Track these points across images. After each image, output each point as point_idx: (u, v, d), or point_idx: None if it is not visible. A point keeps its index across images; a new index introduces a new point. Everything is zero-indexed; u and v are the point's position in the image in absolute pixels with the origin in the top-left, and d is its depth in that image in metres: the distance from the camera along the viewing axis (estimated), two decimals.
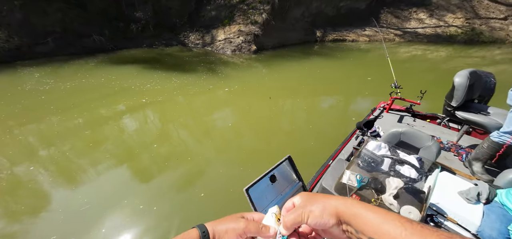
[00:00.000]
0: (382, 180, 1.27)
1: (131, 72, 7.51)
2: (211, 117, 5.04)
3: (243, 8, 11.79)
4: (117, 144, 3.98)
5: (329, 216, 0.39)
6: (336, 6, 14.23)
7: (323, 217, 0.39)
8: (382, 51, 11.40)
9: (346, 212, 0.39)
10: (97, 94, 5.84)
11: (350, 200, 0.40)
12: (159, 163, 3.54)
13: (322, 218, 0.39)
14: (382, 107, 3.51)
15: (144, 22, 11.24)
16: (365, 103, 5.84)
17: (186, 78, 7.09)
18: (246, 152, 3.86)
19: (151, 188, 3.06)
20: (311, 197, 0.43)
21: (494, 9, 13.21)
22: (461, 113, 2.45)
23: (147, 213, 2.65)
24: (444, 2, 14.04)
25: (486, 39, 12.38)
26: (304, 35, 13.03)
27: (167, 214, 2.67)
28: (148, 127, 4.64)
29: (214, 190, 3.00)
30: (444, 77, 7.67)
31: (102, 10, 10.77)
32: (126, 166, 3.47)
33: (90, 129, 4.33)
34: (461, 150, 2.50)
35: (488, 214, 1.56)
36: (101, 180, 3.19)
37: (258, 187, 0.52)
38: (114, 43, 10.40)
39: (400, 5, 14.56)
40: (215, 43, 11.05)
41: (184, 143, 4.13)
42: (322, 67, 8.65)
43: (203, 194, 2.92)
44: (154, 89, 6.21)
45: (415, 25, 13.80)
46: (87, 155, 3.66)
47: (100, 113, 4.96)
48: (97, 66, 8.12)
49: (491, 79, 2.55)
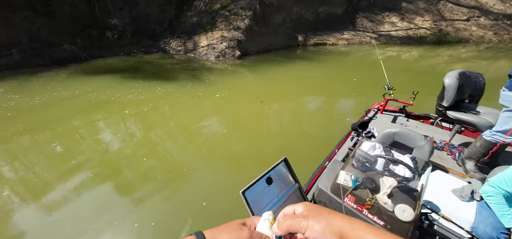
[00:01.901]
0: (376, 179, 1.28)
1: (109, 82, 7.04)
2: (203, 125, 4.84)
3: (225, 14, 11.71)
4: (101, 162, 3.62)
5: (331, 234, 0.38)
6: (315, 12, 14.67)
7: (325, 234, 0.38)
8: (361, 53, 11.90)
9: (351, 234, 0.37)
10: (72, 108, 5.36)
11: (356, 222, 0.38)
12: (151, 177, 3.27)
13: (324, 235, 0.38)
14: (376, 108, 3.56)
15: (120, 29, 10.71)
16: (354, 103, 6.00)
17: (172, 86, 6.80)
18: (244, 157, 3.75)
19: (145, 205, 2.80)
20: (314, 210, 0.42)
21: (458, 12, 14.41)
22: (452, 113, 2.50)
23: (145, 231, 2.43)
24: (413, 6, 15.05)
25: (452, 39, 13.43)
26: (286, 40, 13.23)
27: (169, 226, 2.48)
28: (134, 140, 4.30)
29: (216, 198, 2.88)
30: (417, 75, 8.21)
31: (73, 17, 10.09)
32: (113, 184, 3.16)
33: (66, 146, 3.93)
34: (454, 149, 2.55)
35: (481, 210, 1.60)
36: (85, 203, 2.85)
37: (254, 190, 0.51)
38: (88, 52, 9.76)
39: (374, 10, 15.37)
40: (198, 49, 10.81)
41: (177, 154, 3.89)
42: (309, 70, 8.78)
43: (205, 203, 2.79)
44: (137, 99, 5.85)
45: (389, 28, 14.61)
46: (69, 175, 3.28)
47: (77, 128, 4.53)
48: (69, 77, 7.53)
49: (480, 79, 2.63)
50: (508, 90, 1.89)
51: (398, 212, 1.12)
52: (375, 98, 6.15)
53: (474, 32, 13.59)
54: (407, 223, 1.09)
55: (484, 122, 2.27)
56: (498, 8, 13.95)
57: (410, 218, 1.09)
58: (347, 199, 1.22)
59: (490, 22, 13.80)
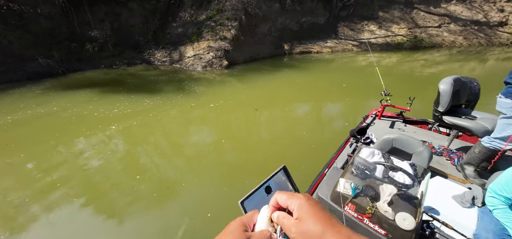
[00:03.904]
0: (376, 187, 1.27)
1: (90, 96, 6.64)
2: (199, 135, 4.67)
3: (211, 25, 11.68)
4: (87, 184, 3.29)
5: None
6: (299, 22, 15.08)
7: None
8: (345, 60, 12.30)
9: None
10: (50, 126, 4.95)
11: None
12: (146, 196, 3.02)
13: None
14: (374, 114, 3.56)
15: (101, 41, 10.29)
16: (347, 107, 6.11)
17: (161, 98, 6.55)
18: (243, 166, 3.65)
19: (147, 227, 2.56)
20: (313, 209, 0.36)
21: (429, 19, 15.46)
22: (448, 118, 2.51)
23: None
24: (389, 15, 15.95)
25: (427, 45, 14.32)
26: (273, 49, 13.41)
27: None
28: (125, 157, 4.00)
29: (221, 209, 2.76)
30: (399, 79, 8.60)
31: (49, 30, 9.57)
32: (105, 207, 2.87)
33: (45, 168, 3.56)
34: (453, 154, 2.54)
35: (482, 217, 1.57)
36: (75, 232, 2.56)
37: (253, 199, 0.51)
38: (66, 66, 9.24)
39: (354, 19, 16.09)
40: (184, 60, 10.62)
41: (173, 168, 3.68)
42: (299, 78, 8.90)
43: (210, 214, 2.72)
44: (123, 113, 5.53)
45: (368, 36, 15.31)
46: (51, 202, 2.95)
47: (57, 148, 4.15)
48: (44, 93, 7.02)
49: (474, 84, 2.66)
50: (504, 96, 1.89)
51: (399, 221, 1.11)
52: (367, 102, 6.38)
53: (446, 38, 14.60)
54: (409, 232, 1.07)
55: (480, 127, 2.28)
56: (466, 15, 15.15)
57: (412, 226, 1.08)
58: (347, 207, 1.20)
59: (460, 28, 14.92)
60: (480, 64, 10.98)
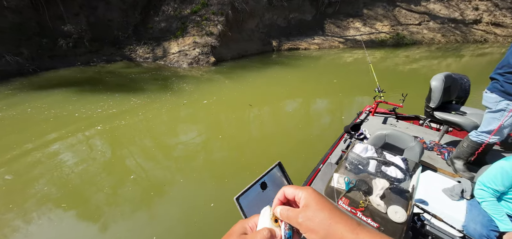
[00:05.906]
0: (369, 181, 1.31)
1: (67, 96, 6.12)
2: (193, 133, 4.50)
3: (196, 20, 11.27)
4: (76, 190, 2.98)
5: None
6: (286, 18, 15.01)
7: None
8: (332, 56, 12.43)
9: None
10: (25, 130, 4.46)
11: (363, 233, 0.33)
12: (141, 197, 2.86)
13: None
14: (368, 110, 3.63)
15: (76, 37, 9.55)
16: (339, 102, 6.14)
17: (148, 96, 6.22)
18: (245, 160, 3.63)
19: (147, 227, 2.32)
20: (320, 198, 0.37)
21: (410, 17, 16.05)
22: (439, 114, 2.58)
23: None
24: (373, 13, 16.35)
25: (408, 42, 14.87)
26: (261, 45, 13.23)
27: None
28: (115, 158, 3.71)
29: (222, 204, 2.76)
30: (383, 74, 8.77)
31: (18, 25, 8.70)
32: (97, 213, 2.59)
33: (25, 180, 3.17)
34: (443, 149, 2.63)
35: (471, 209, 1.63)
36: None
37: (248, 195, 0.52)
38: (37, 63, 8.46)
39: (339, 16, 16.32)
40: (169, 56, 10.16)
41: (169, 167, 3.51)
42: (289, 74, 8.84)
43: (212, 204, 2.74)
44: (108, 113, 5.16)
45: (354, 33, 15.61)
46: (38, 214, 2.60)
47: (35, 155, 3.72)
48: (14, 93, 6.37)
49: (465, 81, 2.76)
50: (490, 92, 1.96)
51: (391, 214, 1.14)
52: (358, 97, 6.46)
53: (425, 35, 15.23)
54: (400, 224, 1.10)
55: (469, 122, 2.36)
56: (444, 13, 15.89)
57: (403, 219, 1.11)
58: (341, 201, 1.22)
59: (438, 25, 15.63)
60: (456, 60, 11.56)
